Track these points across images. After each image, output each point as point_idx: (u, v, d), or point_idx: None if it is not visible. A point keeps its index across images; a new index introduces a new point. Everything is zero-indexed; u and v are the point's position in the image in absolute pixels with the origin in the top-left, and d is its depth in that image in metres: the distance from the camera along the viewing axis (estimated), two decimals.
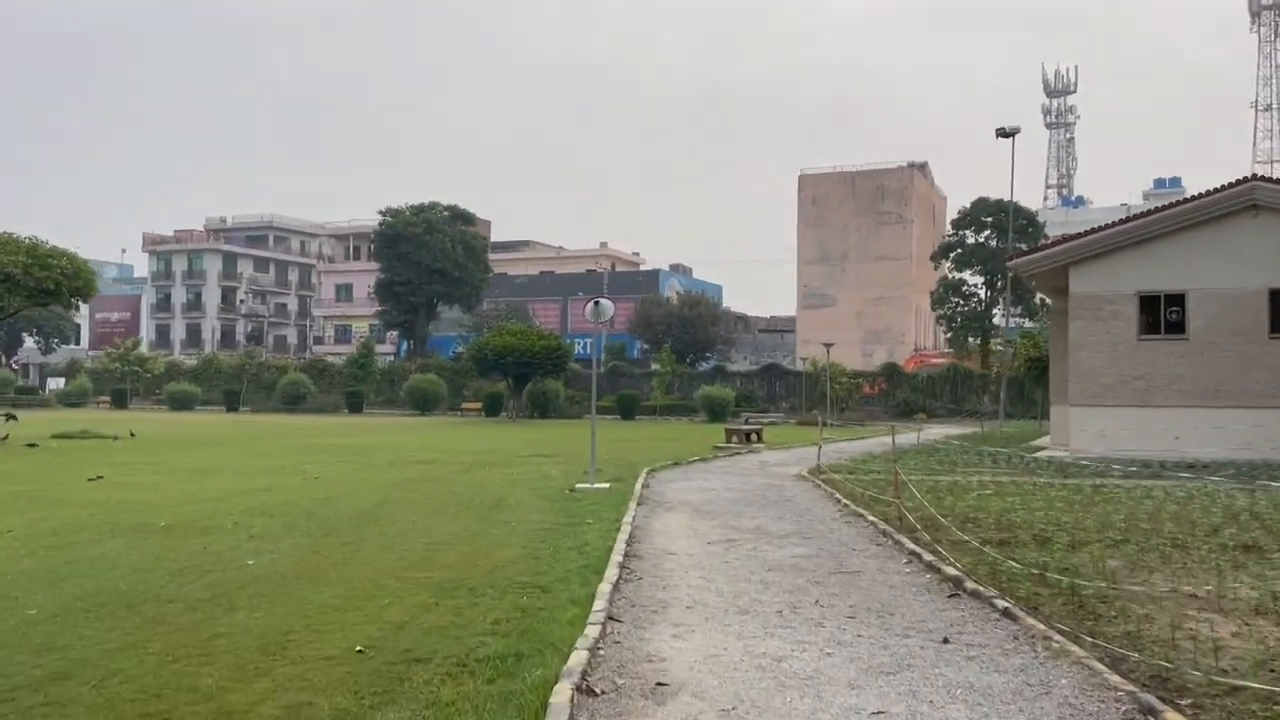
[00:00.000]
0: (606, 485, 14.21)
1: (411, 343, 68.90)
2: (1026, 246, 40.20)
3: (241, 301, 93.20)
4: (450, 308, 68.88)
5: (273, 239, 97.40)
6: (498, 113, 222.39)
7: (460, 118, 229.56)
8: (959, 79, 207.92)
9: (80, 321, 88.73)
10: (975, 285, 56.38)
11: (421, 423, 41.19)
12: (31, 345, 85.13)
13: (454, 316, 71.90)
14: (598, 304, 14.65)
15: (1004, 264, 44.70)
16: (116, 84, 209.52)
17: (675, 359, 55.16)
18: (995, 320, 55.47)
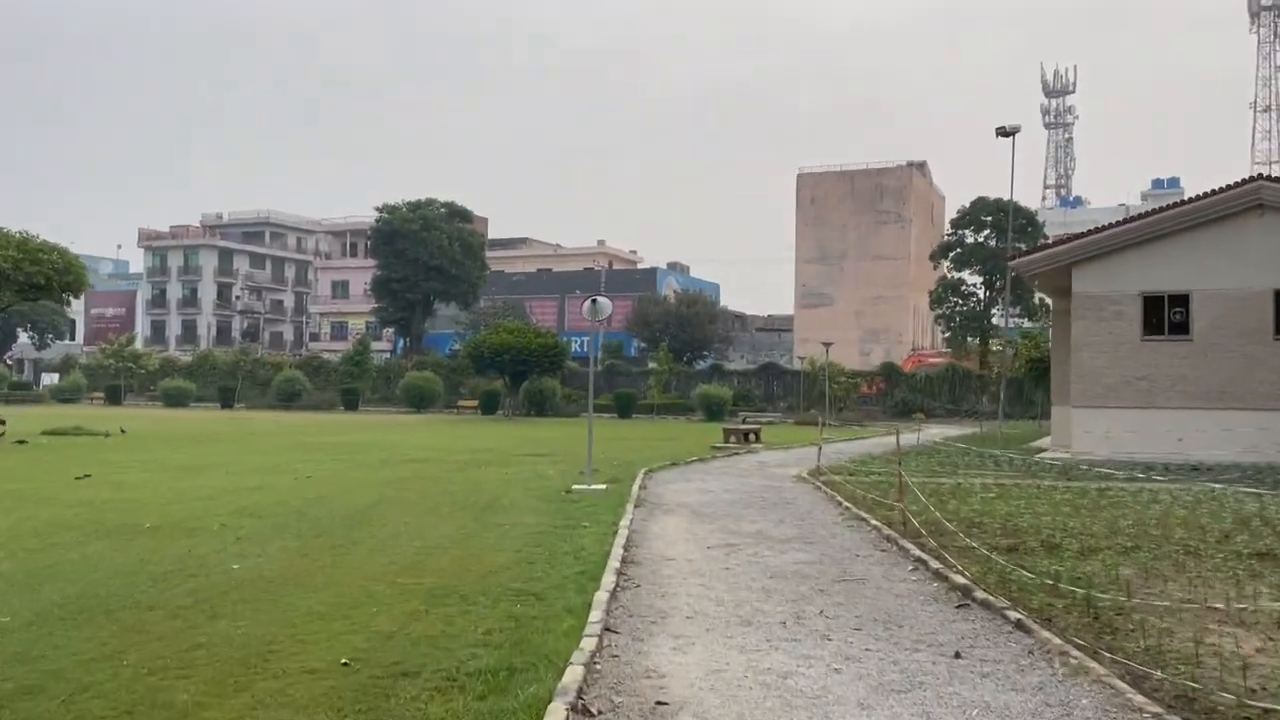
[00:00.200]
0: (603, 486, 13.99)
1: (408, 340, 68.61)
2: (1026, 246, 40.04)
3: (237, 298, 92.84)
4: (447, 305, 68.59)
5: (269, 235, 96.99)
6: (496, 110, 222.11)
7: (458, 115, 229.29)
8: (958, 79, 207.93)
9: (75, 317, 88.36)
10: (974, 285, 56.20)
11: (417, 420, 40.93)
12: (26, 341, 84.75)
13: (451, 314, 71.62)
14: (595, 302, 14.42)
15: (1003, 264, 44.55)
16: (114, 81, 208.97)
17: (673, 358, 54.93)
18: (994, 320, 55.29)
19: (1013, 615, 6.31)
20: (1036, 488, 14.17)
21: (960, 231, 56.09)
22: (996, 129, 36.93)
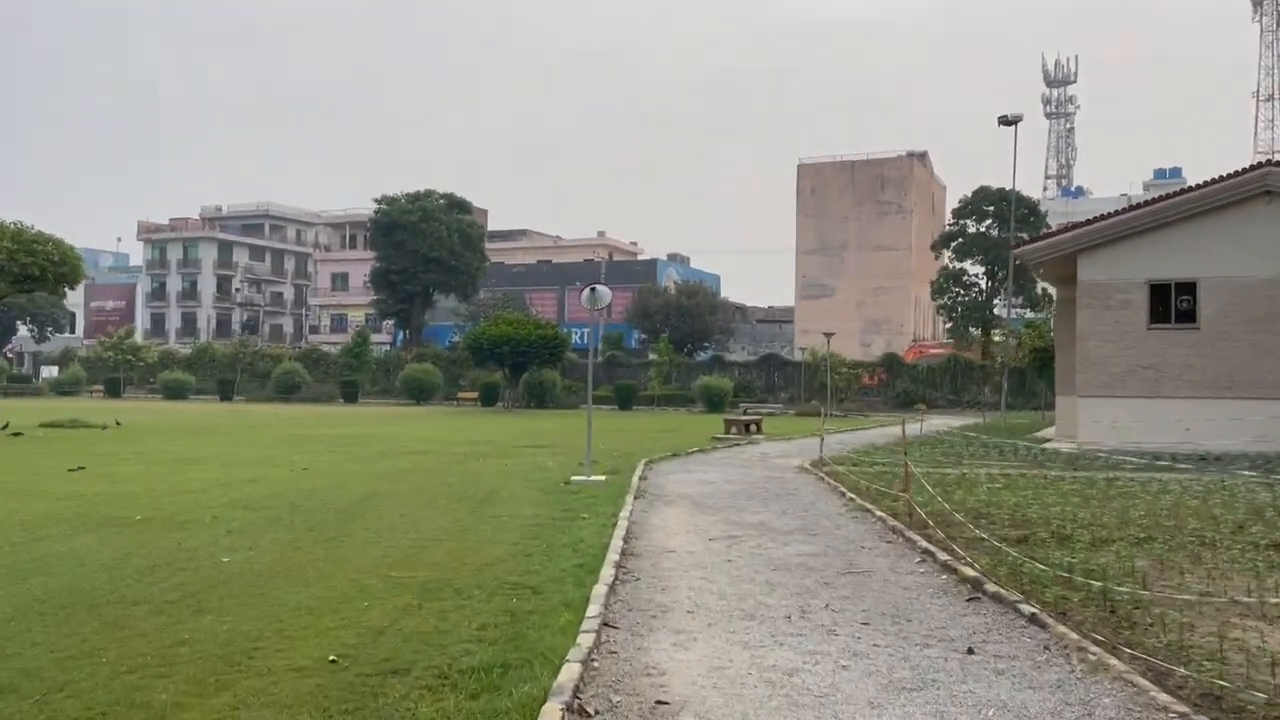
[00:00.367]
0: (603, 477, 13.78)
1: (407, 332, 68.34)
2: (1029, 235, 39.76)
3: (237, 290, 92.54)
4: (446, 297, 68.30)
5: (268, 227, 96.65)
6: (495, 100, 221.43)
7: (457, 105, 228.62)
8: (959, 69, 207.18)
9: (75, 310, 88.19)
10: (976, 275, 55.86)
11: (417, 412, 40.72)
12: (25, 334, 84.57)
13: (450, 306, 71.32)
14: (594, 290, 14.18)
15: (1006, 253, 44.26)
16: (114, 74, 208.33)
17: (673, 349, 54.67)
18: (996, 310, 55.01)
19: (1026, 609, 6.09)
20: (1044, 478, 13.96)
21: (962, 221, 55.76)
22: (999, 118, 36.74)
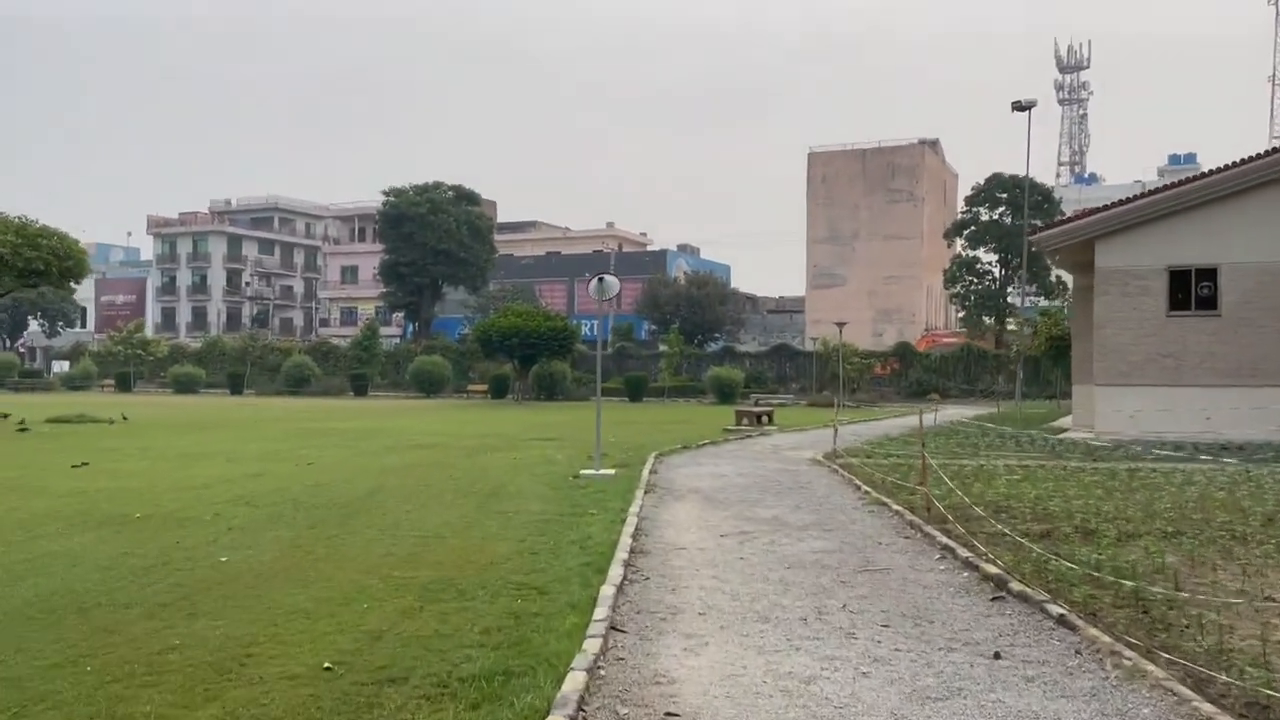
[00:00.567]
0: (612, 471, 13.54)
1: (417, 324, 68.21)
2: (1043, 222, 39.24)
3: (247, 284, 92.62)
4: (455, 289, 68.12)
5: (278, 221, 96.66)
6: (504, 92, 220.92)
7: (465, 97, 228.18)
8: (970, 56, 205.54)
9: (86, 305, 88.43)
10: (989, 263, 55.36)
11: (426, 405, 40.56)
12: (37, 329, 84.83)
13: (459, 298, 71.16)
14: (602, 280, 13.89)
15: (1019, 241, 43.74)
16: (122, 69, 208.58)
17: (683, 340, 54.33)
18: (1010, 299, 54.48)
19: (1054, 609, 5.80)
20: (1063, 469, 13.64)
21: (975, 209, 55.24)
22: (1013, 103, 36.17)
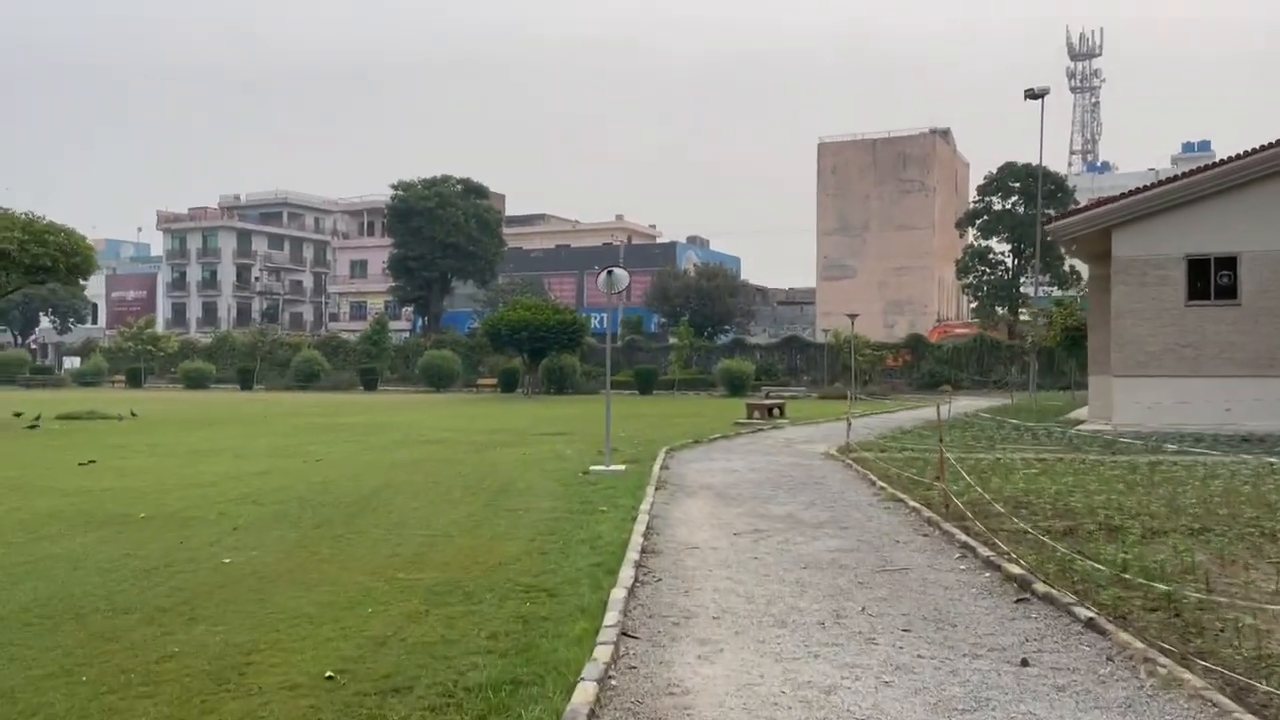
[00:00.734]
0: (623, 467, 13.36)
1: (426, 319, 68.13)
2: (1057, 211, 38.81)
3: (257, 279, 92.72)
4: (465, 283, 67.97)
5: (287, 216, 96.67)
6: (512, 85, 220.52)
7: (474, 90, 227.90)
8: (981, 44, 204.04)
9: (97, 301, 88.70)
10: (1002, 253, 54.88)
11: (436, 400, 40.47)
12: (48, 325, 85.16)
13: (469, 292, 71.02)
14: (611, 273, 13.71)
15: (1032, 230, 43.31)
16: (131, 63, 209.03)
17: (693, 332, 54.09)
18: (1024, 289, 54.01)
19: (1082, 613, 5.58)
20: (1082, 462, 13.39)
21: (987, 198, 54.76)
22: (1025, 91, 35.77)
